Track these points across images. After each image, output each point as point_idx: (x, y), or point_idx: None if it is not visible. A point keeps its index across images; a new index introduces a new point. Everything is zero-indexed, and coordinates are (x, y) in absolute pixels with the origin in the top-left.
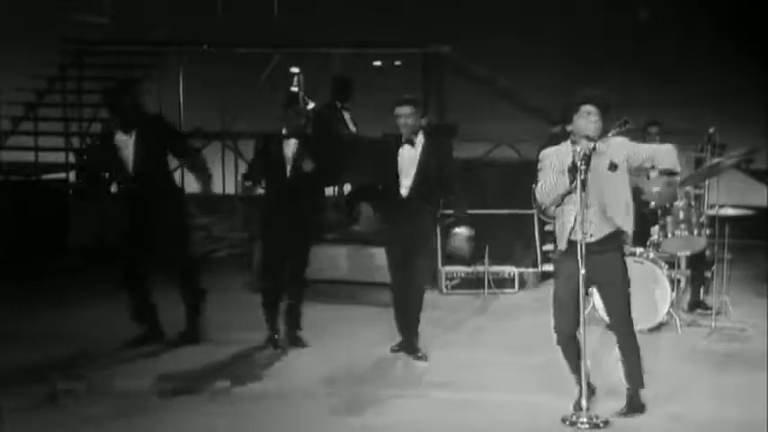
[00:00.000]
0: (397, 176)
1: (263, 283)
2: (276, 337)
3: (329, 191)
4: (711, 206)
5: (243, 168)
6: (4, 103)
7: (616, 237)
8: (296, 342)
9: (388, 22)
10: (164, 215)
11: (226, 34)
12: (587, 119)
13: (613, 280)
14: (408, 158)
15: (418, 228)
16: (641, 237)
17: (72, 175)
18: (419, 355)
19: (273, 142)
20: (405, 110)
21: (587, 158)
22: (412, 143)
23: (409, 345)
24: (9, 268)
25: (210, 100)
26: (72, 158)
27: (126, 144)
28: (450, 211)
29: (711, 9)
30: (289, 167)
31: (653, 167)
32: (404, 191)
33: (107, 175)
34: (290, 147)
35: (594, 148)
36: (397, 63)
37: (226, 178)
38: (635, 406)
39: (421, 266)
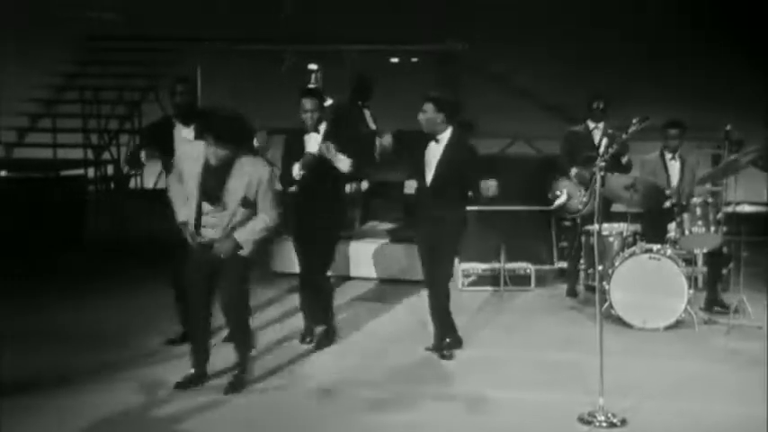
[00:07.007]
0: (424, 172)
1: (300, 281)
2: (309, 331)
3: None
4: (728, 203)
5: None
6: (22, 100)
7: None
8: (326, 337)
9: (405, 19)
10: None
11: (242, 31)
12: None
13: None
14: (433, 154)
15: (443, 224)
16: (659, 233)
17: (90, 171)
18: (444, 353)
19: (295, 139)
20: (426, 106)
21: None
22: (437, 140)
23: (438, 343)
24: (26, 264)
25: (228, 97)
26: (90, 155)
27: (186, 136)
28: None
29: (731, 4)
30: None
31: None
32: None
33: (130, 171)
34: (312, 142)
35: None
36: (414, 60)
37: None
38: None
39: (445, 266)
